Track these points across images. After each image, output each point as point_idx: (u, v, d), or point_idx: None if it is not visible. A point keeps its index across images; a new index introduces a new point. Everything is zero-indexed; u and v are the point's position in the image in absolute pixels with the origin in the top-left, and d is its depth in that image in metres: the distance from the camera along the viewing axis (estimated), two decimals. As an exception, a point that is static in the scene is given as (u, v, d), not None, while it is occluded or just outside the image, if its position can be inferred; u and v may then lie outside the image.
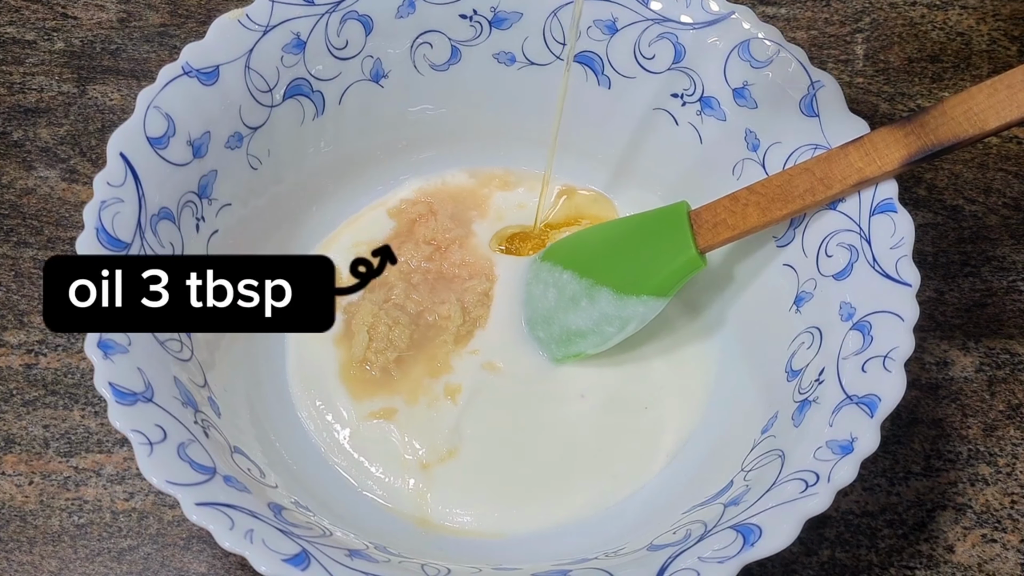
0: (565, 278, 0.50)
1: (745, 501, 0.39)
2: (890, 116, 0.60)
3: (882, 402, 0.39)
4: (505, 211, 0.54)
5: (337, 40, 0.48)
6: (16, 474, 0.48)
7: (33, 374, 0.51)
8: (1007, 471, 0.49)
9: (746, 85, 0.47)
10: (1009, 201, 0.57)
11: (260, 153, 0.48)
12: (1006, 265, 0.55)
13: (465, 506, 0.46)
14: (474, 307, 0.51)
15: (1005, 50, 0.62)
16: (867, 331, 0.41)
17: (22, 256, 0.54)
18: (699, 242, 0.46)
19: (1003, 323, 0.53)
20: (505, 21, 0.50)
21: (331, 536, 0.38)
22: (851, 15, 0.64)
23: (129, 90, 0.60)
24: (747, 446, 0.43)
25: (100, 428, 0.49)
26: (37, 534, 0.47)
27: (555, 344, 0.50)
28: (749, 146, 0.48)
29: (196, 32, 0.62)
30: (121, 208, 0.41)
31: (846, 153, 0.43)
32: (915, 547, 0.47)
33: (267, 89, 0.47)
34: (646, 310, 0.47)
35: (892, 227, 0.42)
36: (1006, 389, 0.51)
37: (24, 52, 0.61)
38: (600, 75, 0.50)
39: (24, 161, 0.57)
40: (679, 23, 0.48)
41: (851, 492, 0.48)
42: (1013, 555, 0.47)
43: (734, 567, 0.35)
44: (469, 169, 0.55)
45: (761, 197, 0.45)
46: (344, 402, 0.49)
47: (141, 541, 0.47)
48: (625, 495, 0.47)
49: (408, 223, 0.53)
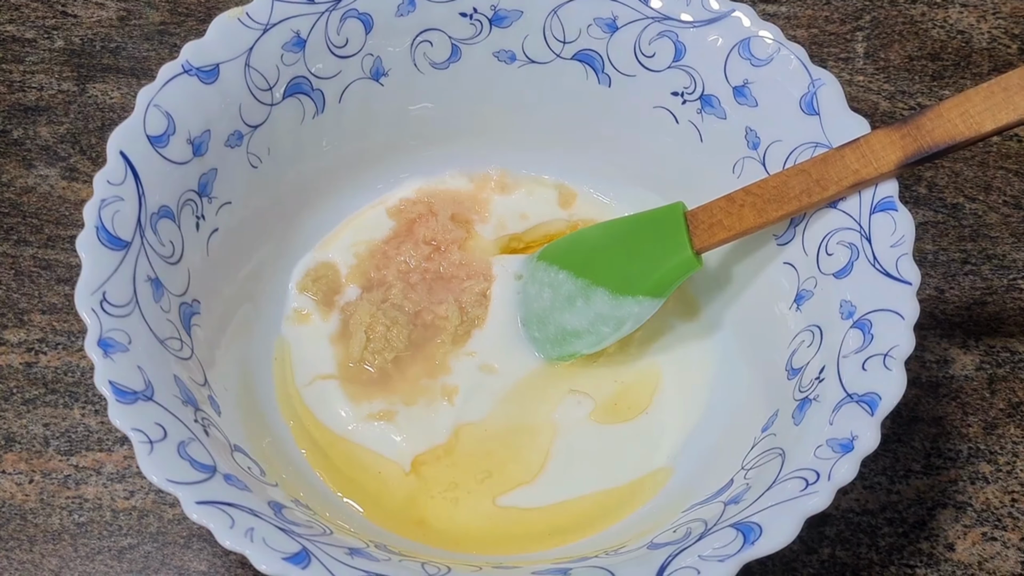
0: (561, 278, 0.49)
1: (745, 499, 0.39)
2: (890, 114, 0.60)
3: (882, 400, 0.38)
4: (507, 220, 0.54)
5: (337, 38, 0.48)
6: (16, 472, 0.48)
7: (33, 372, 0.51)
8: (1007, 469, 0.49)
9: (746, 83, 0.47)
10: (1009, 199, 0.57)
11: (260, 151, 0.48)
12: (1006, 263, 0.55)
13: (464, 506, 0.46)
14: (472, 307, 0.51)
15: (1006, 48, 0.62)
16: (867, 329, 0.41)
17: (22, 254, 0.54)
18: (695, 243, 0.46)
19: (1003, 321, 0.53)
20: (505, 19, 0.50)
21: (331, 535, 0.38)
22: (851, 13, 0.64)
23: (129, 88, 0.60)
24: (747, 444, 0.43)
25: (100, 426, 0.49)
26: (37, 532, 0.47)
27: (550, 344, 0.50)
28: (749, 144, 0.48)
29: (196, 30, 0.62)
30: (121, 206, 0.41)
31: (842, 155, 0.43)
32: (915, 545, 0.47)
33: (267, 87, 0.47)
34: (641, 310, 0.47)
35: (892, 225, 0.42)
36: (1006, 387, 0.51)
37: (24, 50, 0.61)
38: (600, 73, 0.50)
39: (24, 159, 0.57)
40: (679, 21, 0.48)
41: (851, 490, 0.48)
42: (1014, 553, 0.47)
43: (734, 565, 0.35)
44: (469, 172, 0.55)
45: (757, 198, 0.45)
46: (342, 402, 0.49)
47: (141, 539, 0.47)
48: (625, 495, 0.47)
49: (408, 223, 0.53)
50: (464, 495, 0.47)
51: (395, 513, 0.46)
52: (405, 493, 0.47)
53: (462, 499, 0.47)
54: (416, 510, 0.46)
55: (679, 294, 0.51)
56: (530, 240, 0.54)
